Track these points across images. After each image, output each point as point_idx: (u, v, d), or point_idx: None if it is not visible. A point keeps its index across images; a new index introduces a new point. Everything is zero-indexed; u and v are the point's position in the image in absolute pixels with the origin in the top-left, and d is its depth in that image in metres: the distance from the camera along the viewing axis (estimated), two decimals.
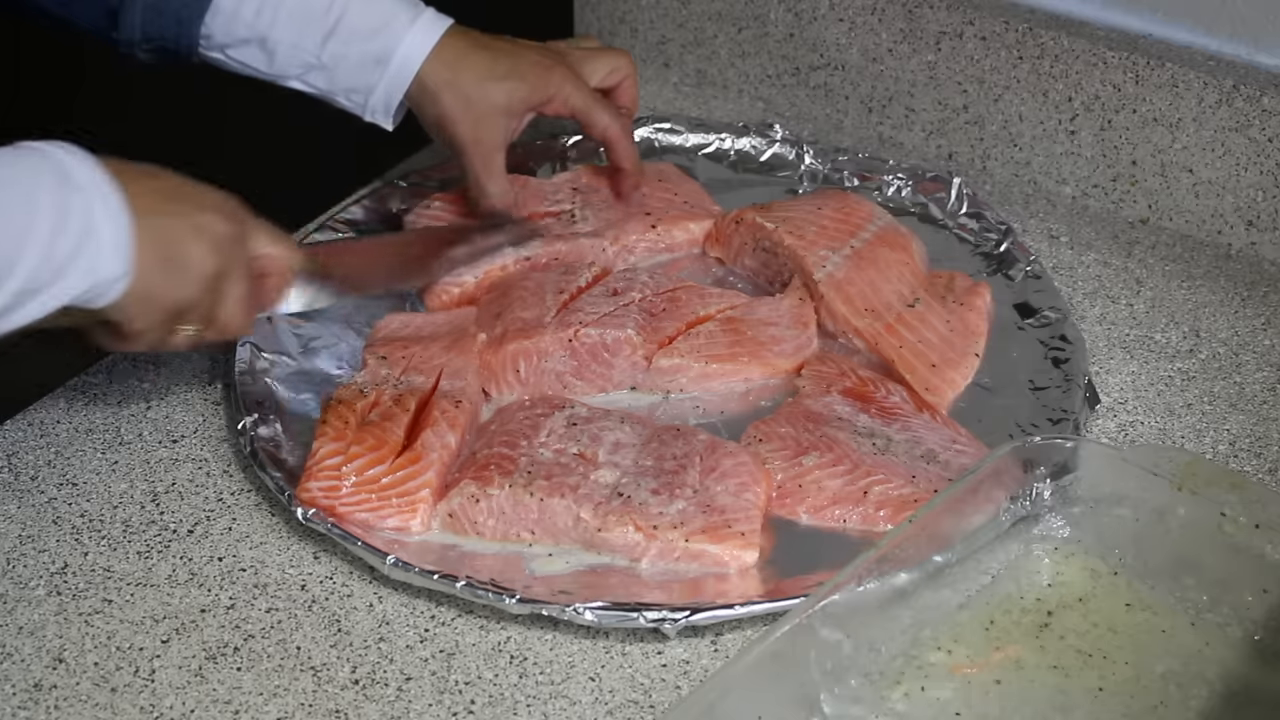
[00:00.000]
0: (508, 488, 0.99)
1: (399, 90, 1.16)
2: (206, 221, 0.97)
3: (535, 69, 1.19)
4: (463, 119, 1.17)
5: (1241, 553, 0.91)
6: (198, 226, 0.96)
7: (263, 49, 1.15)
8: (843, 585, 0.86)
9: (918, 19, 1.38)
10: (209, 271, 0.96)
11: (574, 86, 1.20)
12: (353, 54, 1.15)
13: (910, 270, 1.20)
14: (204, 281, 0.96)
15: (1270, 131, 1.24)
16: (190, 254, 0.95)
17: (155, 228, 0.93)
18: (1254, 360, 1.17)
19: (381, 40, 1.15)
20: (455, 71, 1.16)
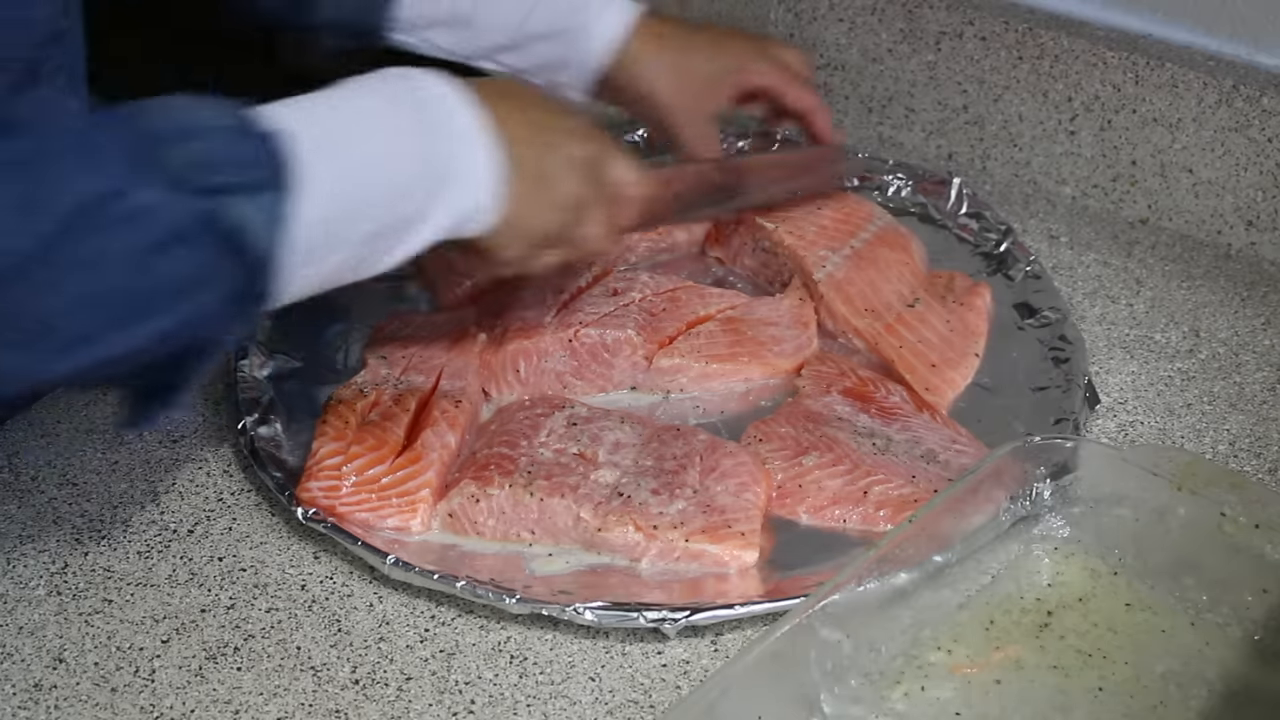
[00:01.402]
0: (508, 488, 0.99)
1: (597, 66, 1.17)
2: (575, 149, 0.97)
3: (735, 42, 1.21)
4: (669, 89, 1.18)
5: (1241, 553, 0.91)
6: (566, 155, 0.96)
7: (458, 30, 1.15)
8: (843, 585, 0.86)
9: (918, 19, 1.38)
10: (576, 199, 0.97)
11: (768, 61, 1.21)
12: (550, 32, 1.15)
13: (910, 270, 1.20)
14: (571, 209, 0.97)
15: (1270, 131, 1.24)
16: (561, 181, 0.96)
17: (527, 156, 0.93)
18: (1254, 360, 1.17)
19: (580, 18, 1.16)
20: (658, 45, 1.17)
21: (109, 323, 0.77)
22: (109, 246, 0.75)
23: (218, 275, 0.79)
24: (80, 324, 0.76)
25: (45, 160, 0.74)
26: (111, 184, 0.75)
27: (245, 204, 0.78)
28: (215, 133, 0.79)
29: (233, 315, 0.81)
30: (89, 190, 0.74)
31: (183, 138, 0.77)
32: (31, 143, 0.74)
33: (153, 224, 0.76)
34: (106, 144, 0.76)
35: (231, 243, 0.78)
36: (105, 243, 0.75)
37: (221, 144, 0.79)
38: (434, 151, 0.88)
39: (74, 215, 0.73)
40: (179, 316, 0.78)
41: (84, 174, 0.74)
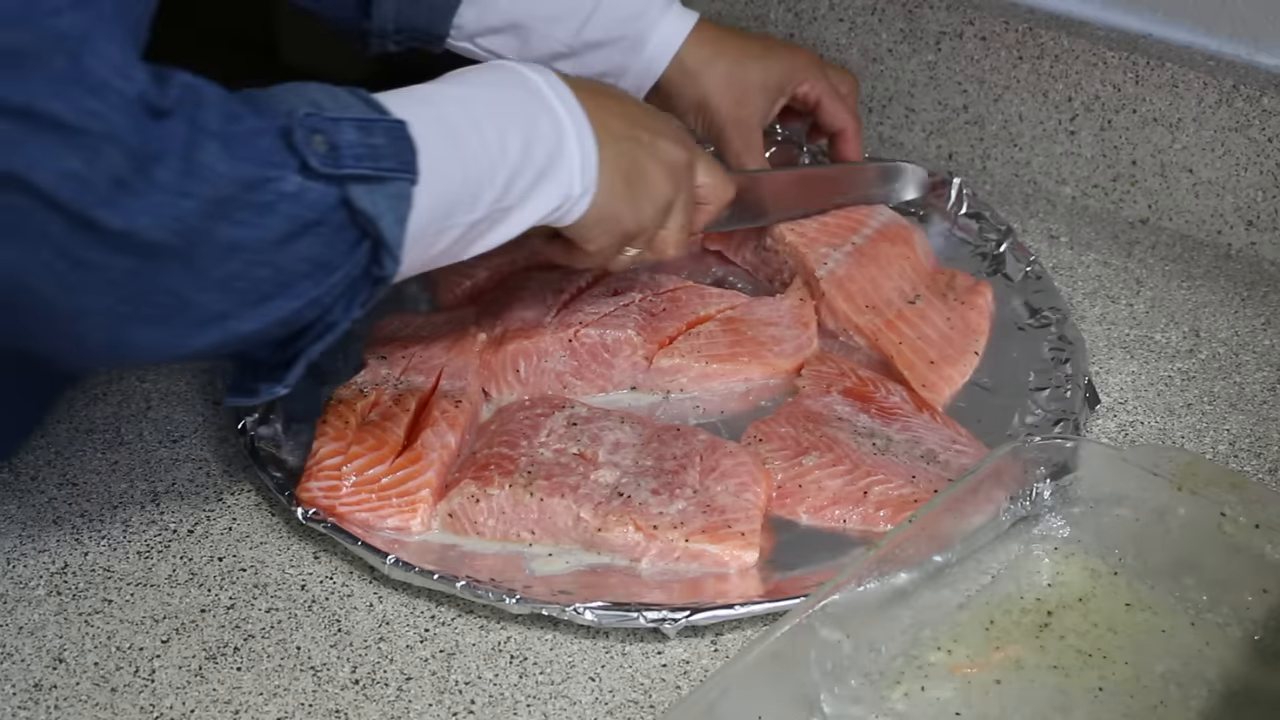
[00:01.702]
0: (508, 488, 0.99)
1: (653, 74, 1.18)
2: (666, 150, 1.00)
3: (786, 51, 1.23)
4: (724, 97, 1.19)
5: (1241, 553, 0.91)
6: (658, 154, 1.00)
7: (516, 37, 1.16)
8: (843, 585, 0.86)
9: (918, 19, 1.38)
10: (665, 198, 1.01)
11: (819, 74, 1.22)
12: (608, 40, 1.16)
13: (912, 266, 1.20)
14: (660, 207, 1.00)
15: (1270, 131, 1.24)
16: (652, 180, 0.99)
17: (620, 153, 0.97)
18: (1254, 360, 1.17)
19: (638, 25, 1.16)
20: (714, 52, 1.18)
21: (244, 302, 0.80)
22: (251, 230, 0.78)
23: (347, 259, 0.83)
24: (217, 303, 0.80)
25: (196, 143, 0.75)
26: (257, 171, 0.78)
27: (376, 192, 0.82)
28: (350, 123, 0.82)
29: (352, 297, 0.85)
30: (236, 176, 0.77)
31: (321, 126, 0.81)
32: (184, 126, 0.75)
33: (293, 210, 0.79)
34: (252, 131, 0.78)
35: (362, 229, 0.83)
36: (249, 228, 0.78)
37: (356, 133, 0.82)
38: (538, 142, 0.92)
39: (221, 201, 0.76)
40: (308, 297, 0.82)
41: (231, 160, 0.76)
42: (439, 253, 0.90)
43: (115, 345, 0.80)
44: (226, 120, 0.77)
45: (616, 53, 1.17)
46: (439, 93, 0.91)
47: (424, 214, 0.85)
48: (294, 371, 0.88)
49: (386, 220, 0.83)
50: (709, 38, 1.18)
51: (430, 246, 0.89)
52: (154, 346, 0.81)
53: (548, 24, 1.15)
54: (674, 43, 1.17)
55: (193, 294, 0.78)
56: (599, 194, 0.96)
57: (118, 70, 0.72)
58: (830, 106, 1.23)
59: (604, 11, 1.15)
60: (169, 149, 0.74)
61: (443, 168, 0.86)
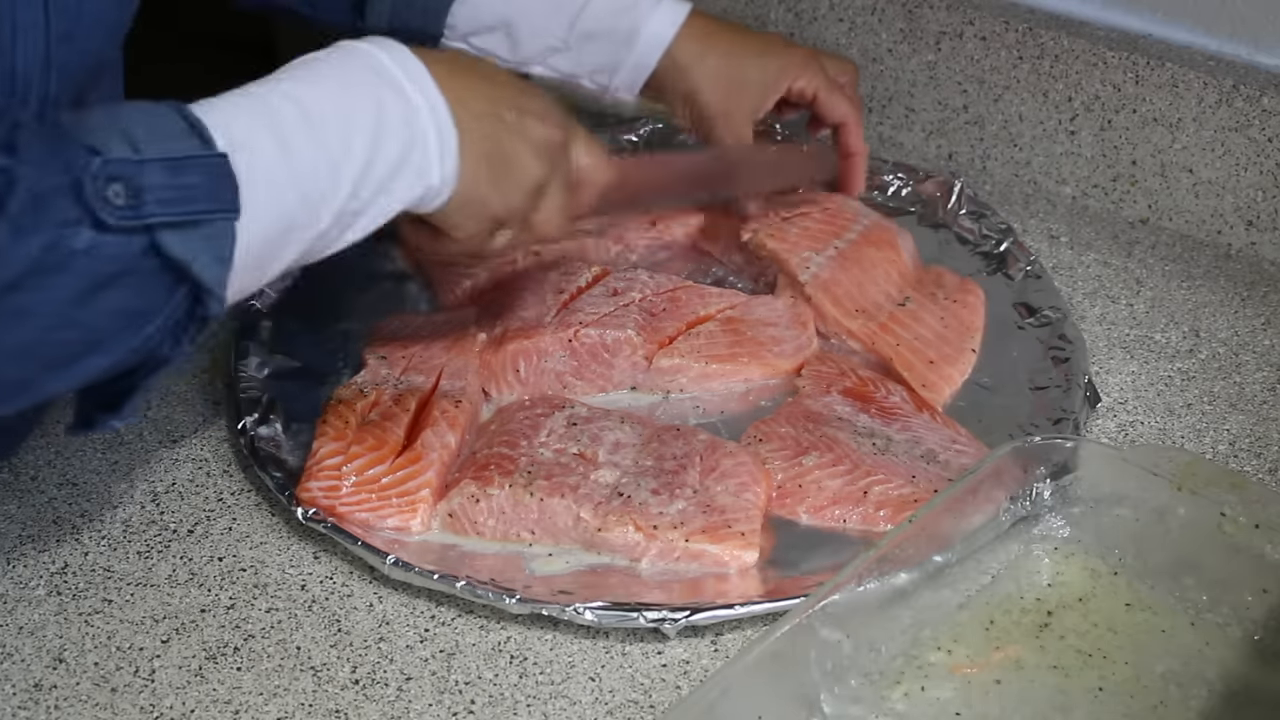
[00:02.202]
0: (508, 488, 0.99)
1: (647, 67, 1.17)
2: (533, 128, 0.94)
3: (781, 47, 1.21)
4: (714, 92, 1.18)
5: (1241, 553, 0.91)
6: (525, 133, 0.94)
7: (508, 36, 1.15)
8: (843, 585, 0.86)
9: (918, 19, 1.38)
10: (534, 180, 0.95)
11: (816, 69, 1.21)
12: (600, 34, 1.16)
13: (898, 269, 1.20)
14: (529, 190, 0.95)
15: (1270, 131, 1.24)
16: (519, 162, 0.93)
17: (484, 135, 0.91)
18: (1254, 360, 1.17)
19: (629, 18, 1.16)
20: (706, 46, 1.17)
21: (48, 366, 0.75)
22: (43, 295, 0.72)
23: (164, 304, 0.77)
24: (16, 372, 0.75)
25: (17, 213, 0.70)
26: (45, 238, 0.71)
27: (190, 235, 0.76)
28: (157, 165, 0.75)
29: (178, 335, 0.79)
30: (21, 255, 0.71)
31: (121, 173, 0.73)
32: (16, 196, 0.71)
33: (89, 267, 0.73)
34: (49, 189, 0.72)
35: (175, 273, 0.76)
36: (39, 292, 0.72)
37: (164, 175, 0.75)
38: (388, 137, 0.85)
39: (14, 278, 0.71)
40: (123, 350, 0.77)
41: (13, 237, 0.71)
42: (283, 266, 0.84)
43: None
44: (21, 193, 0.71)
45: (609, 46, 1.16)
46: (274, 92, 0.83)
47: (255, 241, 0.79)
48: (132, 403, 0.82)
49: (202, 261, 0.76)
50: (701, 31, 1.18)
51: (269, 265, 0.83)
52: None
53: (540, 20, 1.15)
54: (665, 36, 1.17)
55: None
56: (462, 179, 0.90)
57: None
58: (827, 99, 1.21)
59: (594, 5, 1.15)
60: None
61: (273, 189, 0.80)
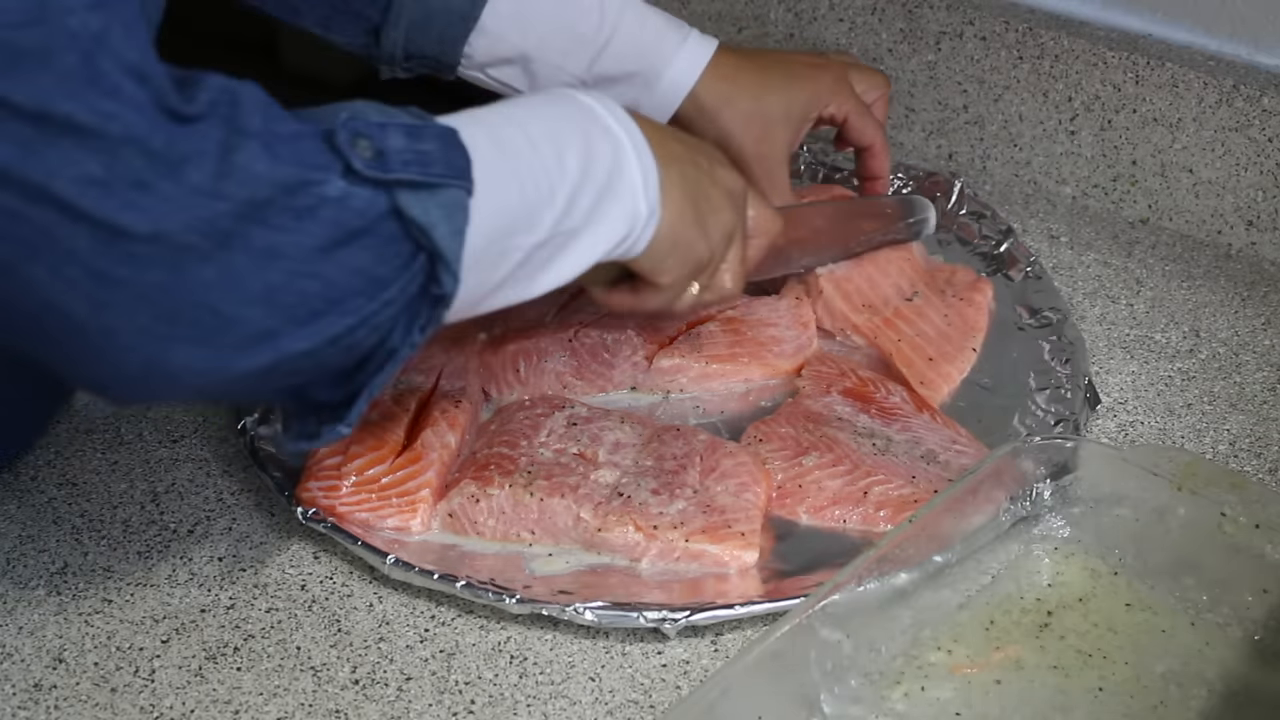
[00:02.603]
0: (508, 488, 0.99)
1: (667, 110, 1.14)
2: (724, 176, 0.97)
3: (808, 74, 1.18)
4: (744, 134, 1.15)
5: (1241, 553, 0.91)
6: (718, 180, 0.97)
7: (526, 70, 1.13)
8: (843, 585, 0.86)
9: (918, 19, 1.38)
10: (730, 225, 0.97)
11: (846, 91, 1.18)
12: (621, 75, 1.13)
13: (911, 266, 1.20)
14: (725, 235, 0.96)
15: (1270, 131, 1.24)
16: (716, 205, 0.96)
17: (684, 176, 0.94)
18: (1254, 360, 1.17)
19: (650, 61, 1.13)
20: (732, 88, 1.14)
21: (292, 318, 0.76)
22: (292, 238, 0.74)
23: (400, 272, 0.79)
24: (262, 318, 0.75)
25: (231, 145, 0.72)
26: (297, 174, 0.74)
27: (427, 200, 0.78)
28: (397, 128, 0.79)
29: (411, 319, 0.81)
30: (274, 178, 0.73)
31: (366, 130, 0.77)
32: (216, 128, 0.72)
33: (337, 215, 0.75)
34: (294, 133, 0.75)
35: (416, 241, 0.78)
36: (289, 234, 0.74)
37: (404, 139, 0.79)
38: (597, 159, 0.88)
39: (258, 205, 0.73)
40: (360, 315, 0.78)
41: (270, 161, 0.73)
42: (502, 279, 0.86)
43: (155, 369, 0.75)
44: (266, 121, 0.74)
45: (630, 88, 1.13)
46: (491, 111, 0.88)
47: (482, 230, 0.81)
48: (356, 409, 0.83)
49: (441, 230, 0.79)
50: (726, 71, 1.14)
51: (492, 270, 0.84)
52: (197, 369, 0.75)
53: (559, 56, 1.12)
54: (688, 80, 1.13)
55: (233, 308, 0.74)
56: (667, 217, 0.92)
57: (134, 71, 0.70)
58: (857, 124, 1.19)
59: (616, 46, 1.12)
60: (200, 150, 0.71)
61: (498, 180, 0.82)
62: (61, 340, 0.74)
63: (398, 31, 1.12)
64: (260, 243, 0.73)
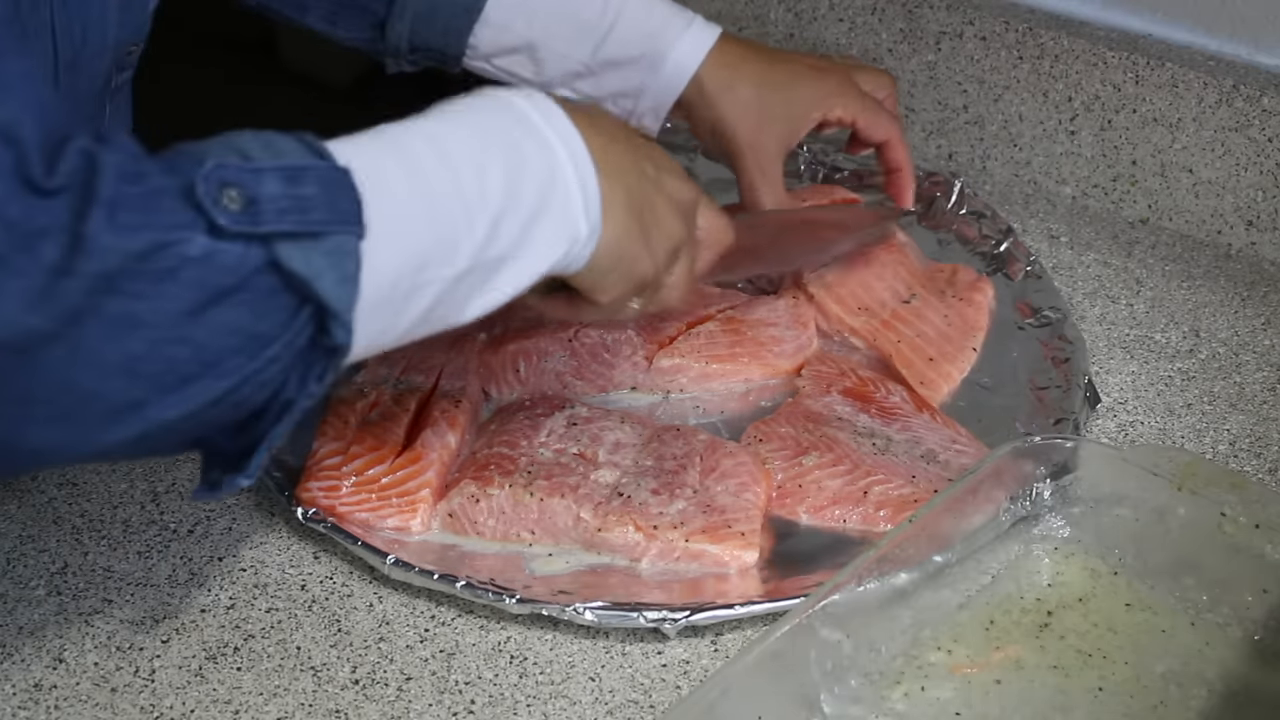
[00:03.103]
0: (508, 488, 0.99)
1: (672, 95, 1.14)
2: (672, 185, 0.92)
3: (813, 75, 1.17)
4: (741, 124, 1.14)
5: (1241, 553, 0.91)
6: (665, 189, 0.91)
7: (531, 58, 1.13)
8: (843, 585, 0.86)
9: (918, 19, 1.38)
10: (676, 238, 0.92)
11: (852, 93, 1.17)
12: (624, 60, 1.13)
13: (906, 268, 1.20)
14: (669, 250, 0.91)
15: (1270, 131, 1.24)
16: (661, 218, 0.90)
17: (628, 187, 0.88)
18: (1254, 360, 1.17)
19: (655, 45, 1.13)
20: (734, 76, 1.14)
21: (159, 386, 0.70)
22: (151, 304, 0.69)
23: (283, 328, 0.73)
24: (124, 390, 0.70)
25: (83, 214, 0.67)
26: (154, 237, 0.68)
27: (310, 249, 0.72)
28: (273, 173, 0.72)
29: (304, 371, 0.75)
30: (123, 247, 0.68)
31: (235, 179, 0.71)
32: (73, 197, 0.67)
33: (201, 276, 0.70)
34: (149, 192, 0.69)
35: (293, 291, 0.72)
36: (147, 300, 0.68)
37: (280, 184, 0.72)
38: (527, 178, 0.82)
39: (109, 276, 0.67)
40: (241, 375, 0.72)
41: (117, 229, 0.67)
42: (422, 312, 0.79)
43: (14, 451, 0.71)
44: (121, 183, 0.68)
45: (635, 72, 1.13)
46: (405, 131, 0.80)
47: (385, 270, 0.75)
48: (255, 459, 0.78)
49: (326, 280, 0.72)
50: (730, 59, 1.14)
51: (403, 307, 0.78)
52: (61, 448, 0.71)
53: (564, 44, 1.12)
54: (692, 63, 1.13)
55: (91, 384, 0.68)
56: (609, 233, 0.86)
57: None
58: (867, 123, 1.18)
59: (620, 30, 1.12)
60: (54, 224, 0.66)
61: (403, 216, 0.76)
62: None
63: (403, 25, 1.12)
64: (115, 313, 0.68)
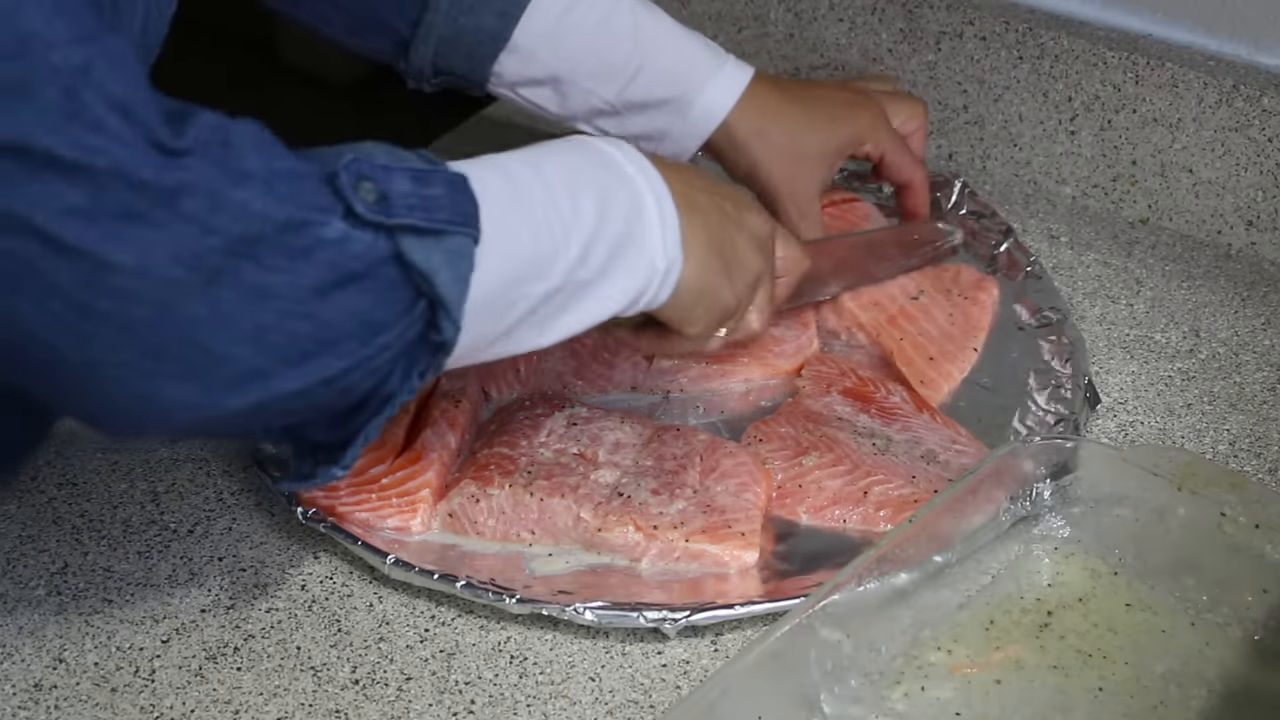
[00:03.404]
0: (508, 488, 0.99)
1: (697, 140, 1.13)
2: (751, 221, 0.96)
3: (847, 112, 1.16)
4: (776, 169, 1.13)
5: (1241, 553, 0.91)
6: (745, 226, 0.95)
7: (556, 91, 1.12)
8: (843, 585, 0.86)
9: (918, 19, 1.38)
10: (756, 271, 0.95)
11: (885, 130, 1.16)
12: (651, 102, 1.12)
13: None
14: (750, 284, 0.95)
15: (1270, 131, 1.24)
16: (742, 252, 0.94)
17: (707, 224, 0.92)
18: (1254, 360, 1.17)
19: (682, 89, 1.11)
20: (765, 120, 1.13)
21: (281, 359, 0.74)
22: (286, 278, 0.73)
23: (398, 318, 0.77)
24: (251, 357, 0.74)
25: (226, 179, 0.71)
26: (295, 213, 0.73)
27: (431, 246, 0.77)
28: (403, 172, 0.77)
29: (409, 365, 0.80)
30: (270, 215, 0.72)
31: (370, 173, 0.76)
32: (208, 163, 0.71)
33: (334, 258, 0.74)
34: (293, 172, 0.74)
35: (414, 285, 0.77)
36: (282, 273, 0.73)
37: (410, 183, 0.77)
38: (614, 207, 0.86)
39: (250, 241, 0.71)
40: (355, 358, 0.77)
41: (266, 197, 0.72)
42: (510, 326, 0.84)
43: (144, 404, 0.74)
44: (264, 159, 0.73)
45: (660, 115, 1.12)
46: (506, 157, 0.86)
47: (490, 277, 0.80)
48: (352, 451, 0.83)
49: (443, 277, 0.77)
50: (761, 104, 1.12)
51: (499, 318, 0.82)
52: (187, 405, 0.74)
53: (590, 80, 1.11)
54: (721, 110, 1.12)
55: (222, 346, 0.72)
56: (690, 268, 0.90)
57: (119, 105, 0.68)
58: (894, 161, 1.17)
59: (648, 74, 1.11)
60: (190, 183, 0.70)
61: (509, 227, 0.81)
62: (47, 374, 0.73)
63: (427, 48, 1.11)
64: (251, 280, 0.72)
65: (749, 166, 1.14)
